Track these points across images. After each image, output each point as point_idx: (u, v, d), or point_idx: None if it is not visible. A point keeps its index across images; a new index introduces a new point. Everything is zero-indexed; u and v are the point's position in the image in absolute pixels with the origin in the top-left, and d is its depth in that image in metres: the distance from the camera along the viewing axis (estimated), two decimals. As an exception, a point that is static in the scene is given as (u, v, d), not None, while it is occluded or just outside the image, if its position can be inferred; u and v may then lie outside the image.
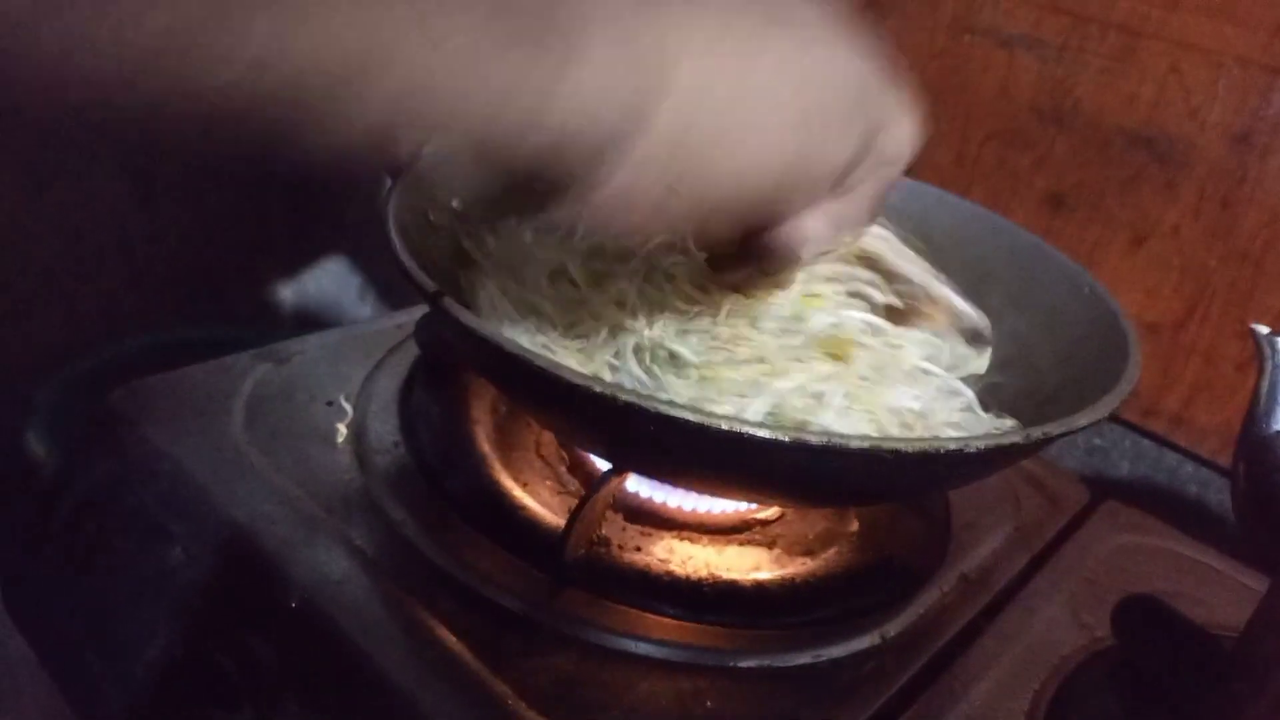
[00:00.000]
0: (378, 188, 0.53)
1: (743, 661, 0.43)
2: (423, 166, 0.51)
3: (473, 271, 0.52)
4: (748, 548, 0.50)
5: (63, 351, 1.05)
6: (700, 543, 0.49)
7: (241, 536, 0.45)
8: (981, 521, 0.56)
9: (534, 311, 0.47)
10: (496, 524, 0.48)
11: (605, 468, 0.46)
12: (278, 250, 1.25)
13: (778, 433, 0.35)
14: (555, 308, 0.47)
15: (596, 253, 0.49)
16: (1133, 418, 0.69)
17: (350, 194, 1.16)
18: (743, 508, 0.51)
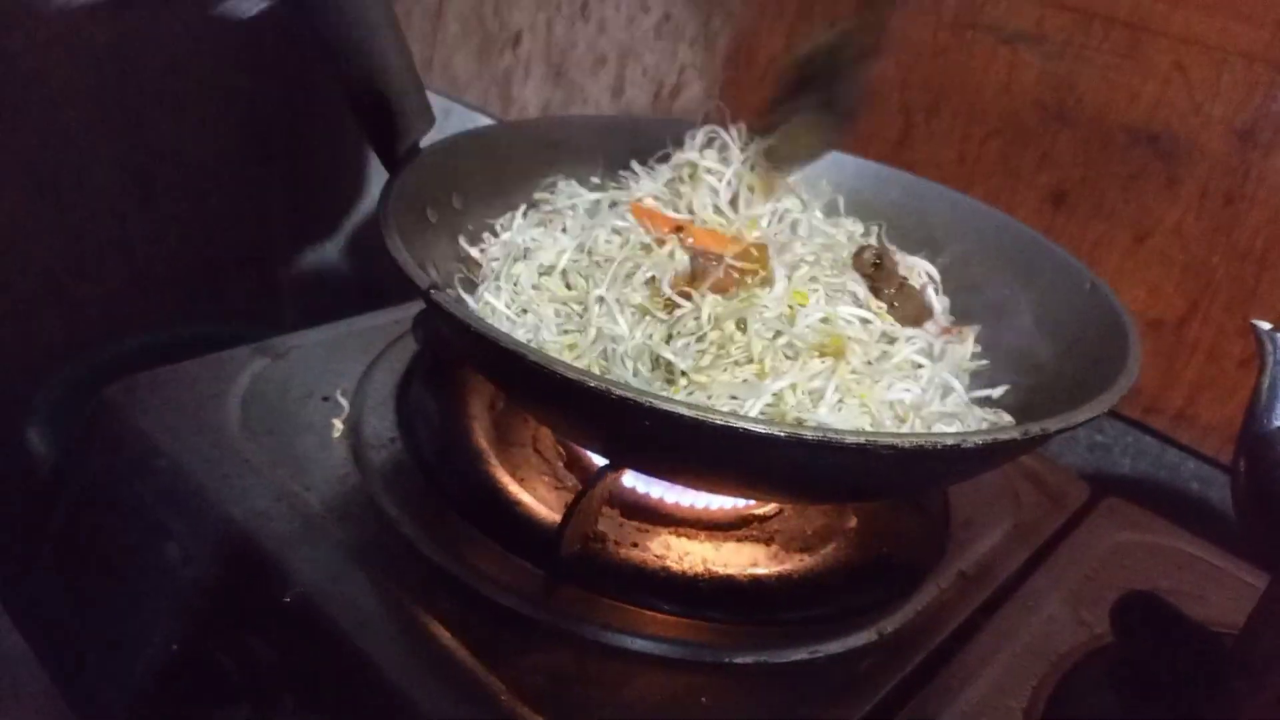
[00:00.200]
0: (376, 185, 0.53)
1: (739, 658, 0.43)
2: (421, 163, 0.51)
3: (469, 268, 0.52)
4: (745, 544, 0.50)
5: (63, 350, 1.05)
6: (698, 539, 0.49)
7: (237, 533, 0.45)
8: (980, 518, 0.55)
9: (526, 309, 0.47)
10: (493, 520, 0.48)
11: (602, 463, 0.46)
12: (277, 249, 1.25)
13: (773, 427, 0.35)
14: (546, 306, 0.47)
15: (583, 250, 0.49)
16: (1135, 415, 0.68)
17: (350, 192, 1.16)
18: (741, 504, 0.51)
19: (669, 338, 0.43)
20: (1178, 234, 0.64)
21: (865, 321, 0.44)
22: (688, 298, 0.44)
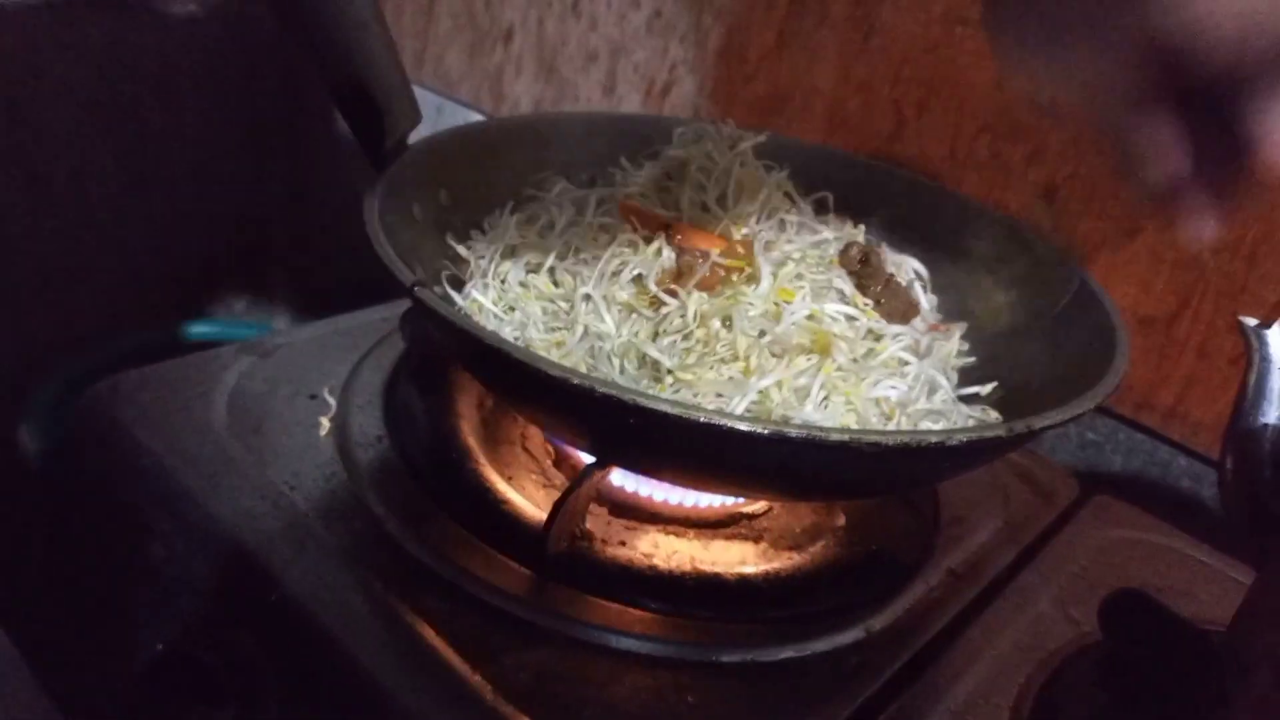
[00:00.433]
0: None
1: (725, 656, 0.43)
2: (407, 160, 0.51)
3: (457, 265, 0.52)
4: (734, 542, 0.50)
5: (59, 348, 1.05)
6: (686, 537, 0.49)
7: (223, 532, 0.45)
8: (970, 516, 0.55)
9: (514, 306, 0.47)
10: (480, 519, 0.48)
11: (589, 461, 0.46)
12: (273, 247, 1.25)
13: (757, 425, 0.35)
14: (534, 304, 0.47)
15: (570, 248, 0.49)
16: (1126, 411, 0.68)
17: (348, 189, 1.16)
18: (729, 502, 0.51)
19: (655, 335, 0.43)
20: (1168, 230, 0.64)
21: (851, 319, 0.44)
22: (674, 295, 0.44)
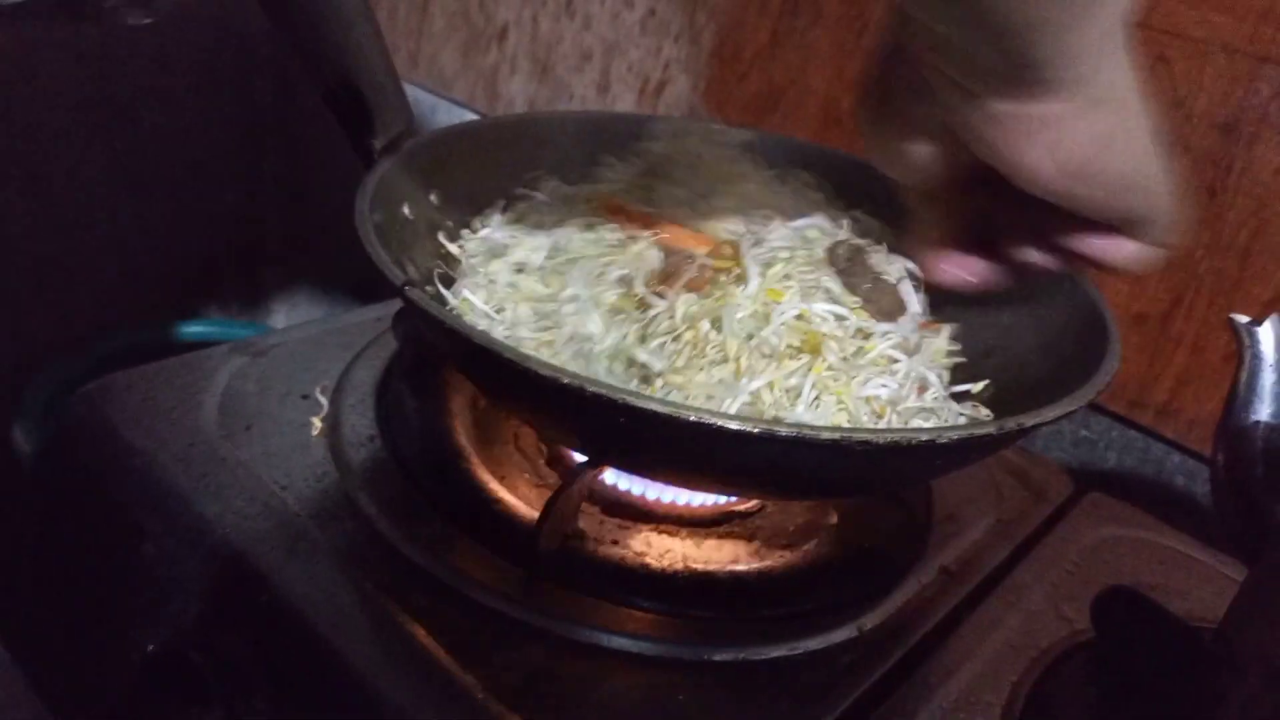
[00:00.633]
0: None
1: (717, 654, 0.43)
2: (398, 159, 0.50)
3: (449, 265, 0.52)
4: (726, 540, 0.50)
5: (53, 348, 1.04)
6: (679, 536, 0.49)
7: (214, 532, 0.45)
8: (963, 513, 0.55)
9: (503, 307, 0.47)
10: (472, 518, 0.48)
11: (581, 461, 0.46)
12: (269, 246, 1.25)
13: (747, 423, 0.35)
14: (523, 304, 0.46)
15: (559, 249, 0.49)
16: (1120, 409, 0.68)
17: (343, 188, 1.16)
18: (722, 500, 0.51)
19: (644, 338, 0.43)
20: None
21: (840, 318, 0.43)
22: (662, 297, 0.44)
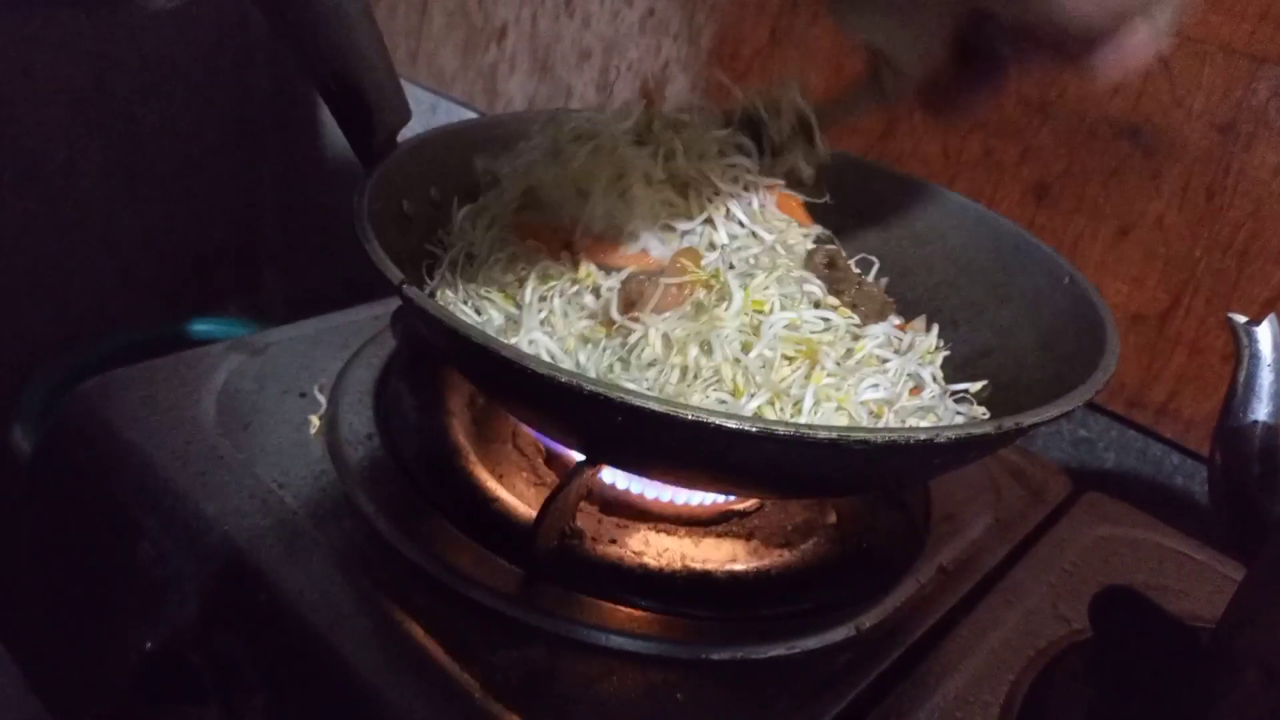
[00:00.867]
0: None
1: (715, 654, 0.43)
2: (397, 157, 0.50)
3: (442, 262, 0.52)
4: (725, 540, 0.50)
5: (50, 346, 1.04)
6: (677, 535, 0.49)
7: (212, 531, 0.45)
8: (961, 513, 0.55)
9: (480, 310, 0.47)
10: (470, 517, 0.48)
11: (579, 459, 0.46)
12: (267, 244, 1.25)
13: (745, 422, 0.35)
14: (497, 311, 0.46)
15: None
16: (1118, 409, 0.68)
17: (340, 186, 1.16)
18: (721, 500, 0.50)
19: (625, 364, 0.43)
20: (1159, 227, 0.64)
21: (826, 320, 0.43)
22: (636, 320, 0.43)
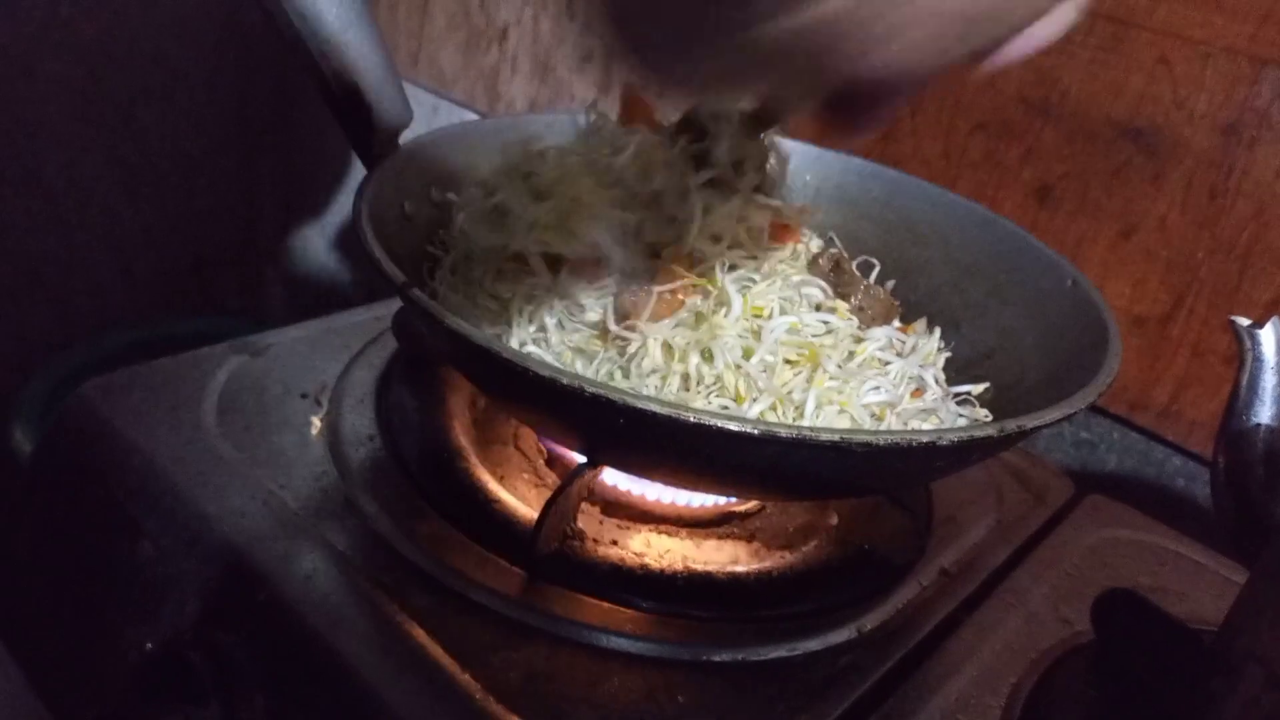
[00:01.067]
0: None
1: (716, 655, 0.43)
2: (399, 158, 0.50)
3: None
4: (726, 541, 0.49)
5: (52, 345, 1.04)
6: (678, 536, 0.49)
7: (212, 531, 0.45)
8: (963, 515, 0.55)
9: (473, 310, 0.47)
10: (471, 518, 0.48)
11: (580, 461, 0.46)
12: (267, 243, 1.25)
13: (747, 424, 0.35)
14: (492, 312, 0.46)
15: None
16: (1120, 411, 0.68)
17: (341, 186, 1.16)
18: (722, 501, 0.50)
19: (625, 373, 0.43)
20: (1162, 229, 0.64)
21: (827, 324, 0.43)
22: (632, 330, 0.43)
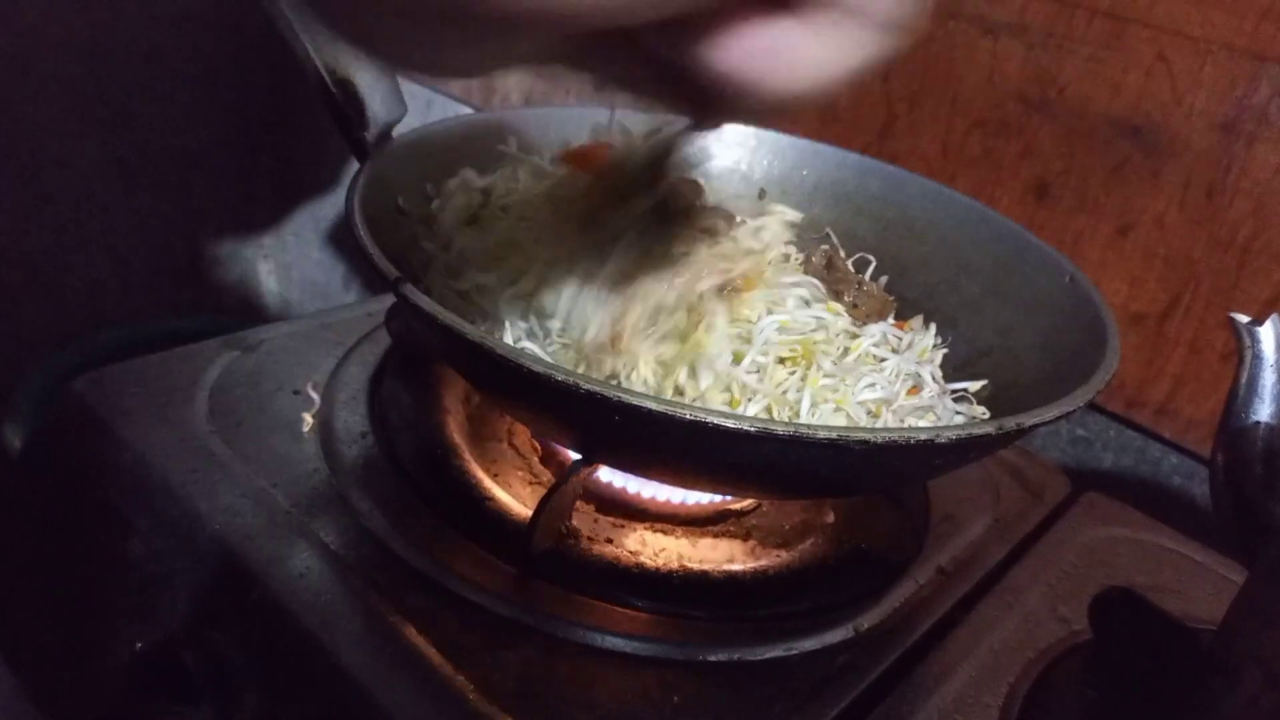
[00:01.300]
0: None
1: (712, 655, 0.43)
2: (391, 152, 0.50)
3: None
4: (722, 539, 0.49)
5: (44, 343, 1.04)
6: (674, 534, 0.49)
7: (204, 529, 0.45)
8: (960, 513, 0.55)
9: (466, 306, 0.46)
10: (465, 516, 0.47)
11: (575, 459, 0.45)
12: (262, 239, 1.24)
13: (743, 422, 0.34)
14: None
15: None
16: (1117, 408, 0.68)
17: (337, 183, 1.15)
18: (718, 499, 0.50)
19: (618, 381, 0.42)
20: (1160, 226, 0.64)
21: (821, 320, 0.43)
22: (613, 348, 0.42)
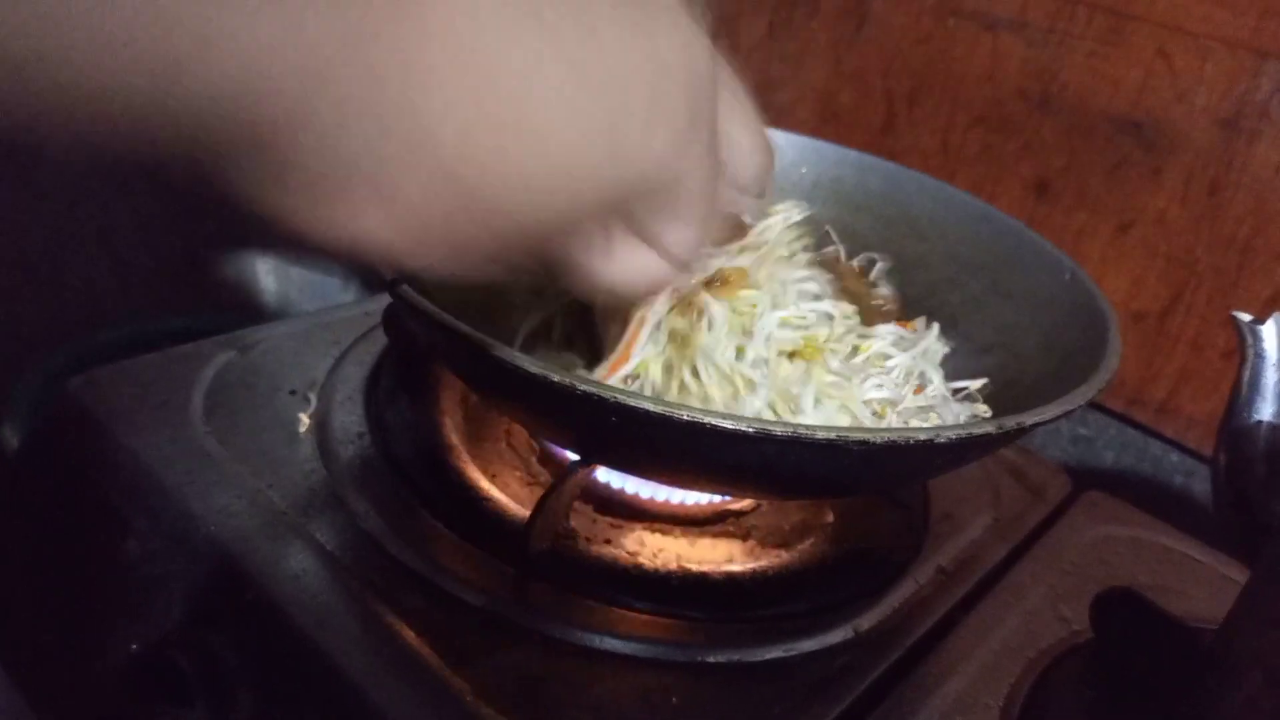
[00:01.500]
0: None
1: (711, 656, 0.42)
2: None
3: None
4: (721, 540, 0.49)
5: (41, 342, 1.03)
6: (673, 535, 0.48)
7: (200, 530, 0.44)
8: (960, 513, 0.55)
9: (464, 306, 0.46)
10: (462, 516, 0.47)
11: (573, 459, 0.45)
12: (258, 239, 1.24)
13: (741, 423, 0.34)
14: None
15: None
16: (1118, 407, 0.68)
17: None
18: (717, 499, 0.50)
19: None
20: (1161, 224, 0.63)
21: (828, 315, 0.43)
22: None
